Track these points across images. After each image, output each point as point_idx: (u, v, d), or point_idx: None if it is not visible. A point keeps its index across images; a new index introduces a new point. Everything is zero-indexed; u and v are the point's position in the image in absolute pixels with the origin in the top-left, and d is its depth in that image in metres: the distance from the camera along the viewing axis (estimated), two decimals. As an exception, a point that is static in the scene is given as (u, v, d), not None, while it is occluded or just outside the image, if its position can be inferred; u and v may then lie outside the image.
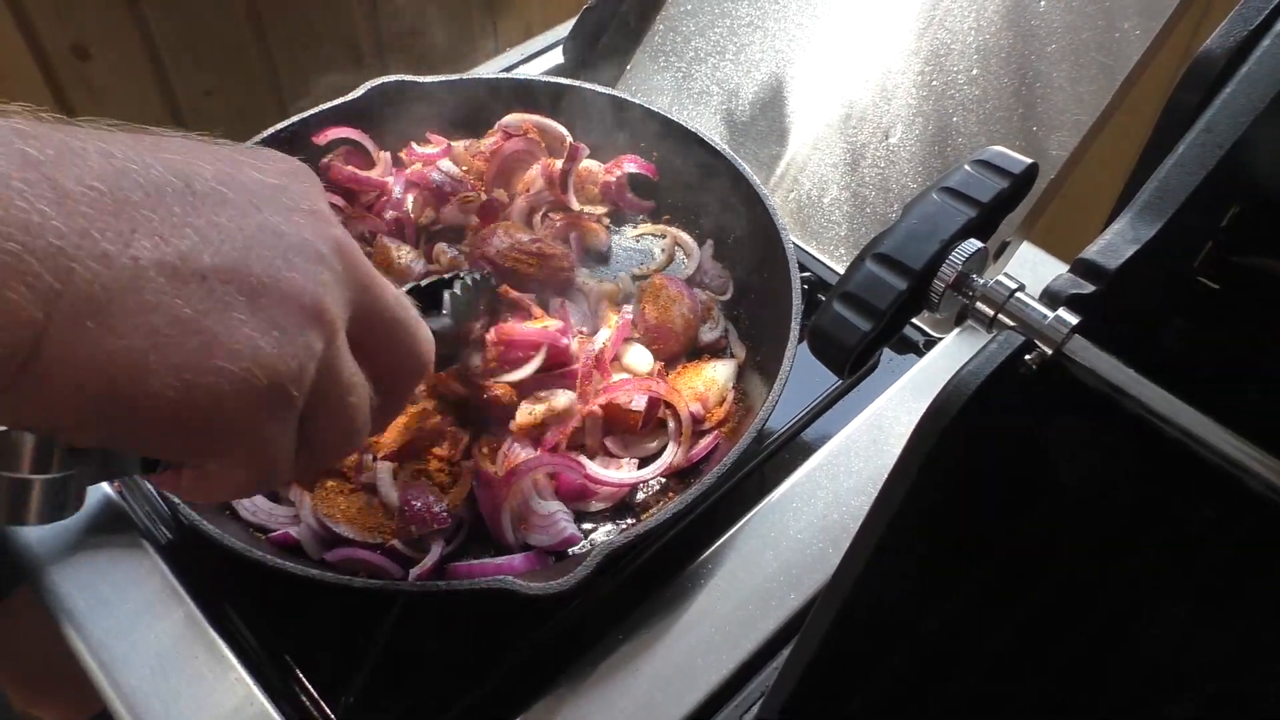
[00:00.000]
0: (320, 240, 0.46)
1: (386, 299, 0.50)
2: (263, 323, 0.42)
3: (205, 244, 0.41)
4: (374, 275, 0.49)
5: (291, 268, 0.44)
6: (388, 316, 0.50)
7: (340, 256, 0.47)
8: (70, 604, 0.71)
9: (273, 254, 0.43)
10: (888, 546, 0.48)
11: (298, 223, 0.45)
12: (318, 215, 0.47)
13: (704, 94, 1.06)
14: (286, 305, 0.43)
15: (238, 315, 0.41)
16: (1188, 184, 0.51)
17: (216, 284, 0.41)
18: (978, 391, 0.44)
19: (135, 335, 0.38)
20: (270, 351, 0.42)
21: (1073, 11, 0.87)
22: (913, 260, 0.49)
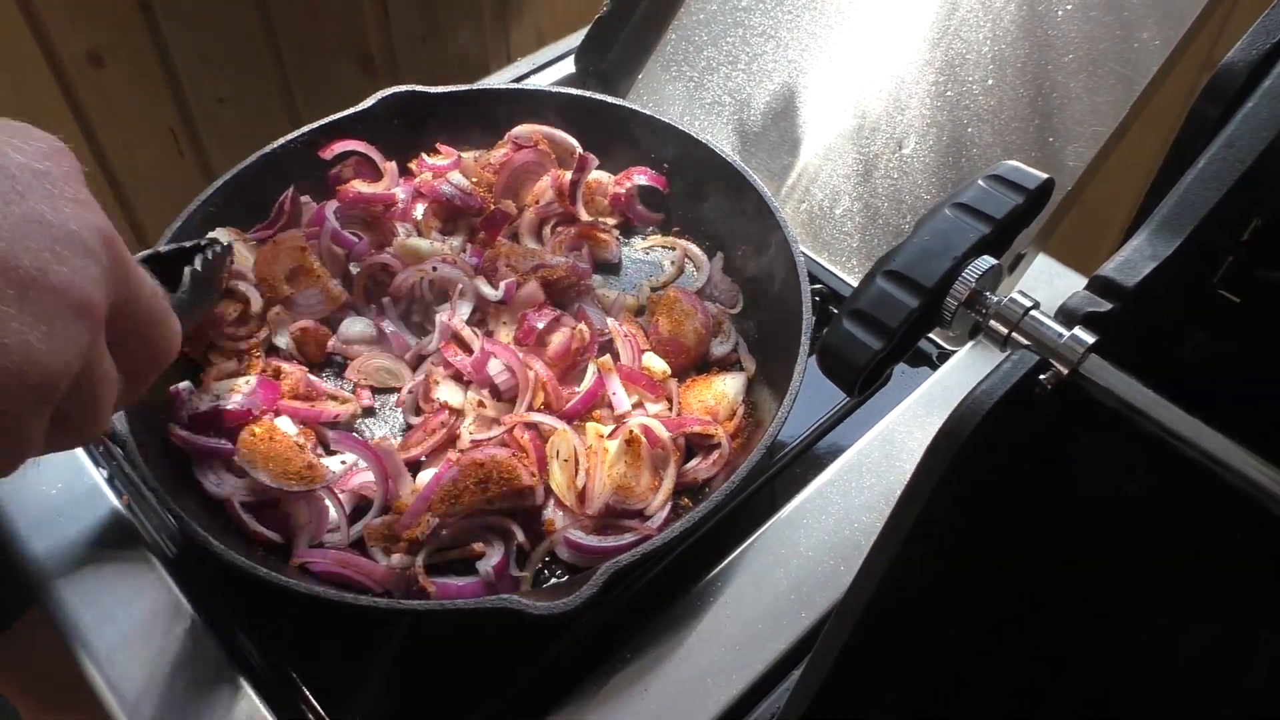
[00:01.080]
0: (88, 231, 0.45)
1: (144, 292, 0.50)
2: (32, 317, 0.42)
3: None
4: (134, 267, 0.49)
5: (60, 261, 0.43)
6: (143, 308, 0.51)
7: (107, 248, 0.46)
8: (77, 619, 0.71)
9: (40, 246, 0.43)
10: (900, 568, 0.47)
11: (64, 212, 0.45)
12: (83, 204, 0.46)
13: (716, 104, 1.05)
14: (56, 300, 0.43)
15: (7, 309, 0.41)
16: (1208, 199, 0.50)
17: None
18: (990, 413, 0.43)
19: None
20: (40, 348, 0.42)
21: (1090, 22, 0.86)
22: (925, 277, 0.48)
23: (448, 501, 0.71)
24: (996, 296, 0.48)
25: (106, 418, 0.50)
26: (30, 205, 0.43)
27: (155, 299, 0.52)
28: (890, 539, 0.47)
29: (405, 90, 0.93)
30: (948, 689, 0.63)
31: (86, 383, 0.47)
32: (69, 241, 0.44)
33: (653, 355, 0.84)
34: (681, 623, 0.70)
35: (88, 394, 0.47)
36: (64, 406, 0.46)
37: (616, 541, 0.72)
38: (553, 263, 0.87)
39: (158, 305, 0.52)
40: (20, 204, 0.43)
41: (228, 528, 0.73)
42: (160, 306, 0.53)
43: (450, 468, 0.73)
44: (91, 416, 0.49)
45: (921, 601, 0.56)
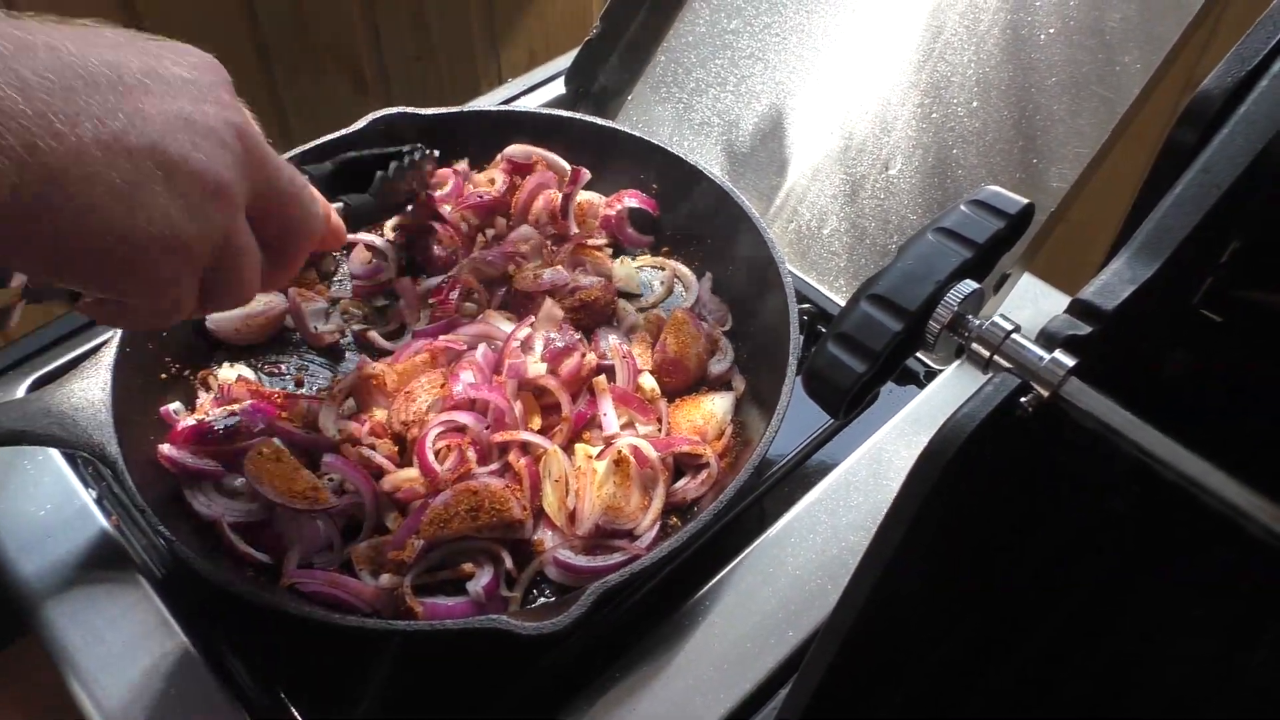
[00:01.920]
0: (224, 127, 0.55)
1: (281, 177, 0.60)
2: (175, 195, 0.52)
3: (131, 127, 0.50)
4: (270, 156, 0.59)
5: (199, 150, 0.53)
6: (280, 191, 0.60)
7: (241, 140, 0.56)
8: (65, 639, 0.71)
9: (185, 138, 0.52)
10: (885, 588, 0.48)
11: (206, 111, 0.54)
12: (222, 104, 0.55)
13: (705, 125, 1.06)
14: (195, 181, 0.52)
15: (156, 187, 0.51)
16: (1185, 224, 0.51)
17: (140, 160, 0.50)
18: (972, 435, 0.43)
19: (81, 198, 0.48)
20: (180, 218, 0.52)
21: (1073, 45, 0.87)
22: (908, 301, 0.49)
23: (437, 525, 0.71)
24: (979, 320, 0.49)
25: (251, 288, 0.60)
26: (180, 104, 0.53)
27: (293, 185, 0.61)
28: (874, 560, 0.47)
29: (396, 112, 0.94)
30: (936, 708, 0.63)
31: (228, 252, 0.57)
32: (208, 133, 0.53)
33: (646, 375, 0.85)
34: (670, 642, 0.71)
35: (229, 263, 0.58)
36: (211, 274, 0.57)
37: (605, 561, 0.73)
38: (586, 283, 0.88)
39: (295, 190, 0.62)
40: (172, 103, 0.52)
41: (217, 549, 0.73)
42: (300, 192, 0.62)
43: (443, 492, 0.73)
44: (236, 284, 0.59)
45: (907, 621, 0.56)
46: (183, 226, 0.52)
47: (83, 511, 0.78)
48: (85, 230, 0.49)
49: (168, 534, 0.67)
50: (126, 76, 0.51)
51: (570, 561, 0.73)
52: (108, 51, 0.51)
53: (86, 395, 0.74)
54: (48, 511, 0.78)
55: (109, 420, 0.72)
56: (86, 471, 0.82)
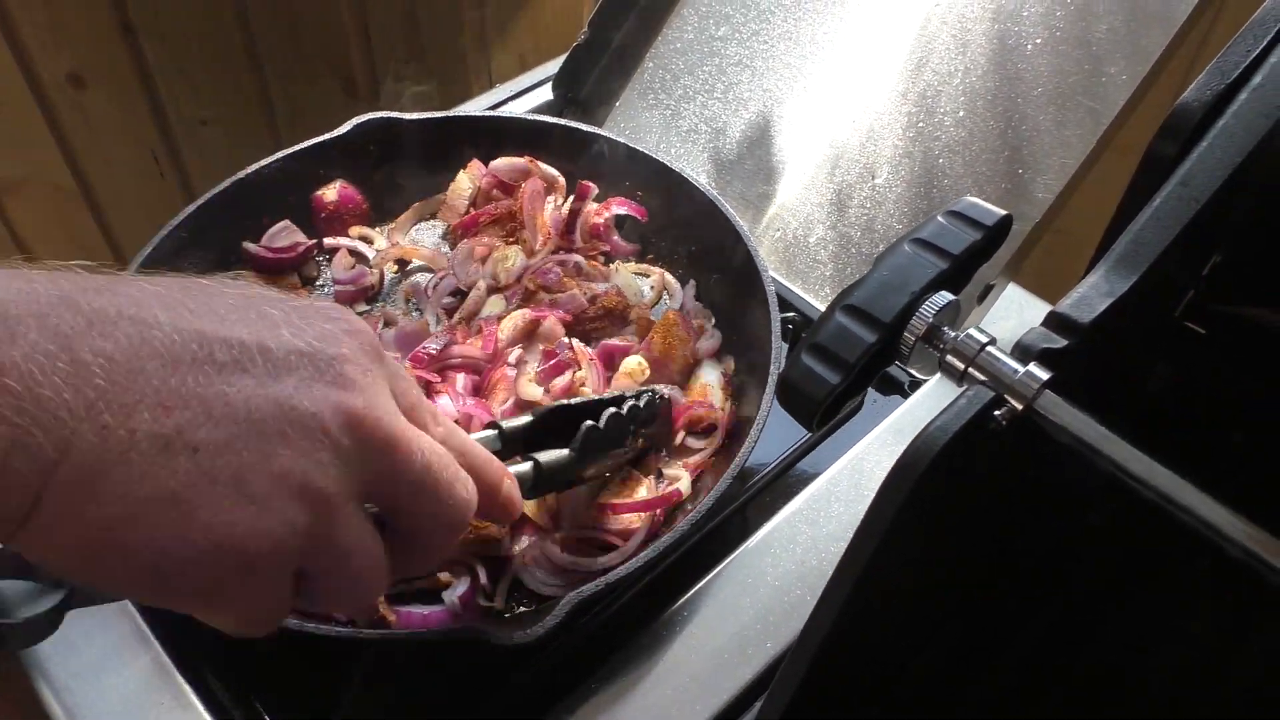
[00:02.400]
0: (331, 414, 0.46)
1: (412, 467, 0.49)
2: (244, 498, 0.43)
3: (206, 418, 0.42)
4: (400, 443, 0.48)
5: (286, 444, 0.44)
6: (410, 480, 0.50)
7: (351, 430, 0.46)
8: (37, 647, 0.70)
9: (271, 430, 0.44)
10: (858, 600, 0.47)
11: (314, 395, 0.45)
12: (341, 384, 0.47)
13: (692, 132, 1.06)
14: (272, 482, 0.44)
15: (220, 489, 0.42)
16: (1163, 237, 0.51)
17: (205, 458, 0.42)
18: (945, 448, 0.43)
19: (119, 505, 0.40)
20: (244, 528, 0.43)
21: (1060, 55, 0.87)
22: (882, 313, 0.49)
23: None
24: (954, 331, 0.49)
25: (368, 589, 0.50)
26: (279, 388, 0.45)
27: (427, 473, 0.50)
28: (846, 574, 0.47)
29: (380, 117, 0.94)
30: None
31: (325, 555, 0.47)
32: (302, 425, 0.45)
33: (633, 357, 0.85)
34: (648, 652, 0.70)
35: (331, 565, 0.48)
36: (309, 575, 0.48)
37: (590, 564, 0.72)
38: (602, 289, 0.88)
39: (429, 478, 0.51)
40: (271, 387, 0.44)
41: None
42: (434, 479, 0.51)
43: None
44: (345, 588, 0.49)
45: (883, 634, 0.56)
46: (244, 537, 0.43)
47: (59, 516, 0.78)
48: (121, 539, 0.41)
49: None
50: (219, 353, 0.43)
51: (555, 559, 0.72)
52: (208, 321, 0.44)
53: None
54: (23, 516, 0.77)
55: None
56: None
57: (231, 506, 0.43)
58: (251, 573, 0.44)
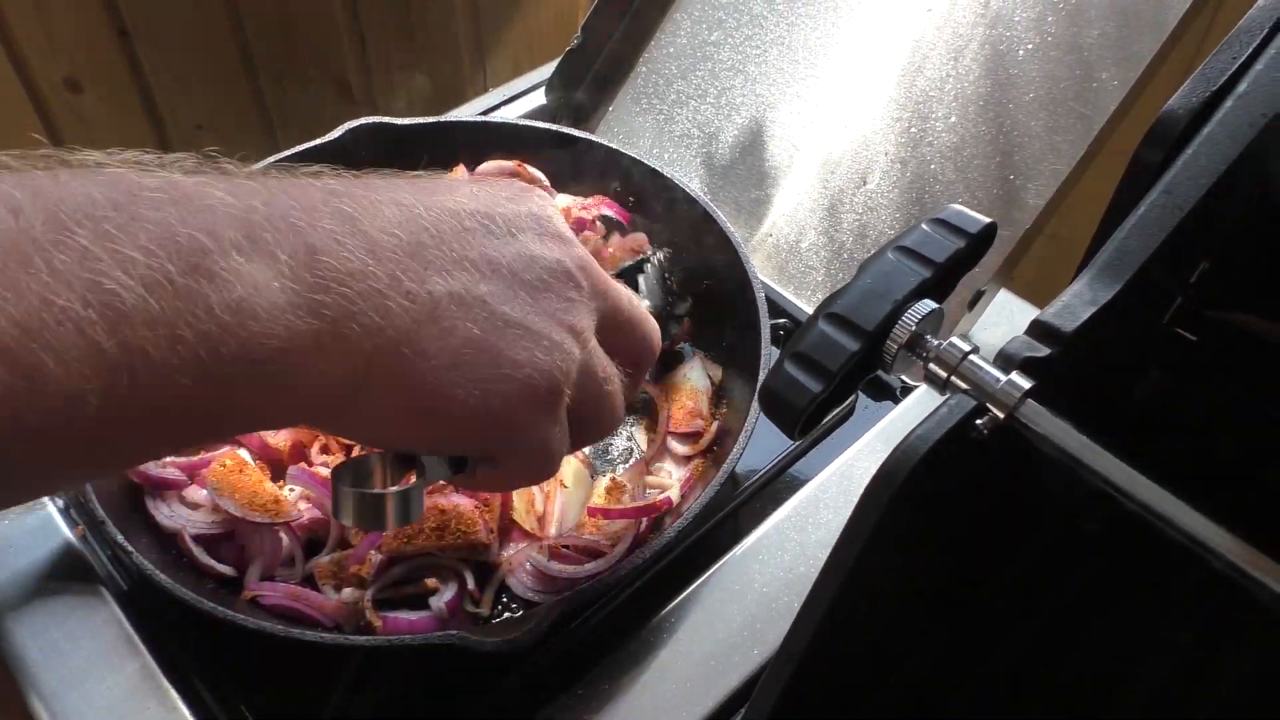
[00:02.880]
0: (569, 260, 0.53)
1: (622, 302, 0.59)
2: (534, 336, 0.50)
3: (482, 275, 0.49)
4: (609, 284, 0.57)
5: (549, 288, 0.51)
6: (624, 316, 0.59)
7: (585, 274, 0.54)
8: (23, 652, 0.70)
9: (533, 276, 0.51)
10: (839, 612, 0.47)
11: (549, 246, 0.53)
12: (562, 239, 0.54)
13: (685, 137, 1.06)
14: (551, 321, 0.51)
15: (514, 331, 0.49)
16: (1148, 245, 0.51)
17: (495, 306, 0.49)
18: (926, 457, 0.43)
19: (441, 356, 0.46)
20: (544, 360, 0.50)
21: (1051, 61, 0.87)
22: (865, 321, 0.49)
23: (400, 540, 0.70)
24: (937, 340, 0.49)
25: (619, 409, 0.59)
26: (522, 244, 0.52)
27: (634, 308, 0.61)
28: (828, 580, 0.47)
29: (373, 121, 0.94)
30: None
31: (591, 385, 0.55)
32: (553, 270, 0.52)
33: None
34: (636, 658, 0.70)
35: (595, 392, 0.56)
36: (580, 410, 0.55)
37: (576, 570, 0.72)
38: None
39: (637, 312, 0.61)
40: (514, 244, 0.51)
41: (179, 561, 0.72)
42: (639, 313, 0.61)
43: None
44: (607, 410, 0.58)
45: (867, 641, 0.56)
46: (546, 366, 0.50)
47: (46, 522, 0.77)
48: (450, 389, 0.47)
49: (124, 545, 0.67)
50: (466, 221, 0.49)
51: (542, 568, 0.72)
52: (445, 198, 0.50)
53: (51, 404, 0.73)
54: (9, 521, 0.77)
55: (72, 430, 0.71)
56: (54, 481, 0.81)
57: (530, 345, 0.49)
58: (556, 403, 0.51)
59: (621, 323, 0.59)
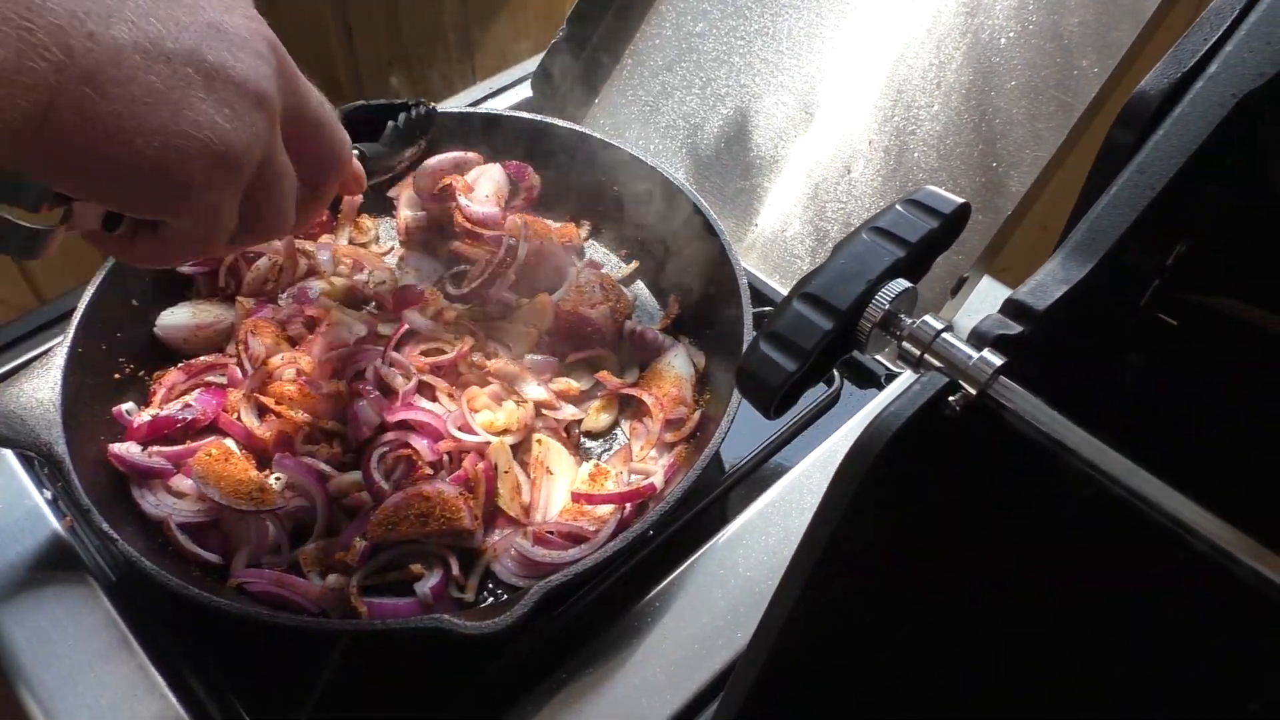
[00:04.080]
0: (257, 38, 0.52)
1: (311, 99, 0.57)
2: (218, 102, 0.49)
3: (167, 32, 0.48)
4: (300, 76, 0.56)
5: (237, 60, 0.50)
6: (311, 115, 0.57)
7: (274, 54, 0.53)
8: (10, 641, 0.70)
9: (221, 46, 0.50)
10: (815, 592, 0.47)
11: (238, 22, 0.51)
12: (250, 17, 0.53)
13: (671, 128, 1.06)
14: (237, 90, 0.50)
15: (198, 94, 0.48)
16: (1120, 224, 0.51)
17: (179, 66, 0.48)
18: (898, 433, 0.43)
19: (121, 101, 0.46)
20: (226, 125, 0.49)
21: (1032, 49, 0.88)
22: (839, 300, 0.49)
23: (384, 527, 0.71)
24: (911, 319, 0.49)
25: (289, 213, 0.58)
26: (211, 15, 0.50)
27: (323, 108, 0.58)
28: (804, 557, 0.47)
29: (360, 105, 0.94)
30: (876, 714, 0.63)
31: (268, 173, 0.54)
32: (243, 44, 0.51)
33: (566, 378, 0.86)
34: (621, 643, 0.70)
35: (271, 185, 0.55)
36: (252, 196, 0.54)
37: (560, 556, 0.72)
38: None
39: (325, 114, 0.59)
40: (203, 13, 0.50)
41: (165, 549, 0.72)
42: (329, 115, 0.59)
43: (394, 493, 0.73)
44: (277, 208, 0.56)
45: (843, 625, 0.56)
46: (228, 133, 0.49)
47: (34, 513, 0.78)
48: (129, 137, 0.46)
49: (112, 533, 0.67)
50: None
51: (526, 553, 0.72)
52: None
53: (36, 395, 0.73)
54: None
55: (58, 419, 0.72)
56: (41, 473, 0.81)
57: (211, 109, 0.49)
58: (234, 172, 0.51)
59: (307, 120, 0.57)
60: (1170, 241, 0.59)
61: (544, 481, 0.77)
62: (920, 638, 0.64)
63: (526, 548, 0.72)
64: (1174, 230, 0.58)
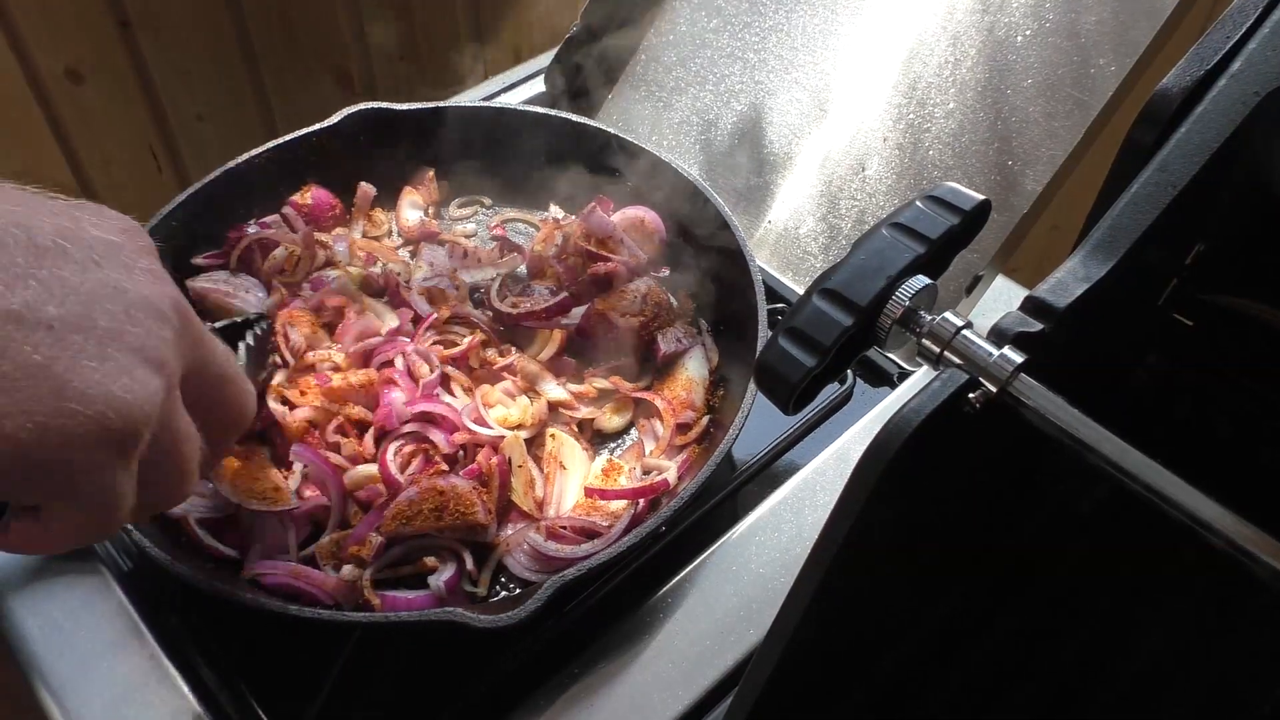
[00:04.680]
0: (160, 299, 0.48)
1: (217, 356, 0.53)
2: (112, 370, 0.44)
3: (50, 296, 0.42)
4: (205, 333, 0.52)
5: (135, 323, 0.46)
6: (216, 373, 0.53)
7: (178, 314, 0.49)
8: (23, 629, 0.71)
9: (116, 309, 0.45)
10: (831, 586, 0.47)
11: (138, 280, 0.47)
12: (155, 274, 0.49)
13: (684, 124, 1.06)
14: (133, 356, 0.45)
15: (88, 363, 0.43)
16: (1141, 222, 0.51)
17: (64, 333, 0.42)
18: (918, 430, 0.43)
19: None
20: (120, 396, 0.44)
21: (1049, 47, 0.87)
22: (859, 296, 0.49)
23: (399, 521, 0.71)
24: (931, 315, 0.49)
25: (192, 475, 0.52)
26: (106, 273, 0.46)
27: (228, 363, 0.54)
28: (821, 554, 0.47)
29: (372, 107, 0.94)
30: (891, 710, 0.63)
31: (167, 438, 0.48)
32: (143, 306, 0.47)
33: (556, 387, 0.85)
34: (633, 638, 0.70)
35: (170, 451, 0.49)
36: (149, 467, 0.48)
37: (573, 551, 0.72)
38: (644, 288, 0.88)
39: (230, 369, 0.54)
40: (98, 271, 0.45)
41: (179, 541, 0.72)
42: (233, 370, 0.55)
43: (409, 487, 0.73)
44: (177, 474, 0.50)
45: (861, 616, 0.56)
46: (124, 407, 0.44)
47: (47, 503, 0.78)
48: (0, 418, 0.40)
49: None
50: (39, 238, 0.43)
51: (539, 548, 0.72)
52: (16, 208, 0.44)
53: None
54: (11, 502, 0.77)
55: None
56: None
57: (106, 379, 0.43)
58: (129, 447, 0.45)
59: (210, 378, 0.52)
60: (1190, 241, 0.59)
61: (557, 476, 0.77)
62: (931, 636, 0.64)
63: (539, 542, 0.72)
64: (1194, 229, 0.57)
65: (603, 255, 0.88)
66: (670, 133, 1.06)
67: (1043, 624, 0.66)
